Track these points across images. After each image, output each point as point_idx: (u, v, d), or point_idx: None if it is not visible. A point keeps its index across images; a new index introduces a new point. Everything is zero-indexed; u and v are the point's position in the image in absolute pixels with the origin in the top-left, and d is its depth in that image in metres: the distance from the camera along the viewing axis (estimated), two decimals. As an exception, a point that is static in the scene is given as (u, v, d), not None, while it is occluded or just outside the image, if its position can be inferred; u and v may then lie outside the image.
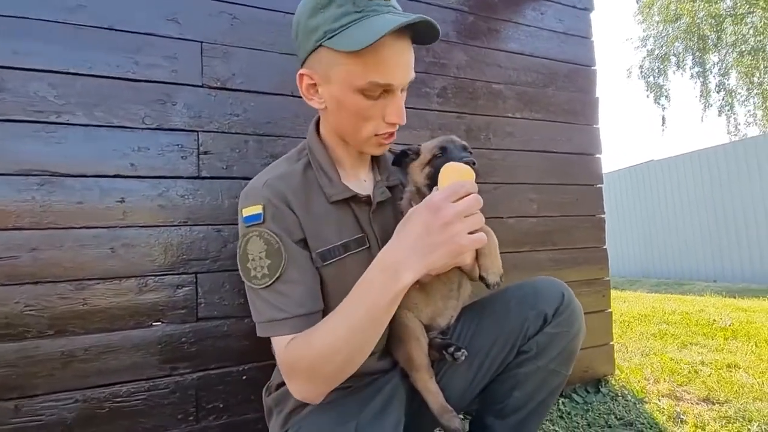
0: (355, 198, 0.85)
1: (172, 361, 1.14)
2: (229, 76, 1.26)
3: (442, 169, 0.73)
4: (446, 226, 0.63)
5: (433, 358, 0.92)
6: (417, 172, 0.90)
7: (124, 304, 1.10)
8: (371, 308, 0.67)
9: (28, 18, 1.06)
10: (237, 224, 1.21)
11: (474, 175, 0.72)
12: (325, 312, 0.80)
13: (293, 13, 1.29)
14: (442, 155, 0.86)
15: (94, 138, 1.11)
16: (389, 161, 0.98)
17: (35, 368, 1.02)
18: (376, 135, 0.80)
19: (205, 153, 1.22)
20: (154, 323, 1.12)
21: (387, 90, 0.75)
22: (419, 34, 0.74)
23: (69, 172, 1.08)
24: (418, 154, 0.91)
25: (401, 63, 0.74)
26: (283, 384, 0.87)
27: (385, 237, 0.88)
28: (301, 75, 0.79)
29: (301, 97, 1.31)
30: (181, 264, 1.17)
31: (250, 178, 1.23)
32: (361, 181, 0.91)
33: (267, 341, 0.78)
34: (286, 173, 0.83)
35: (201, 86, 1.22)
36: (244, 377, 1.20)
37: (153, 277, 1.14)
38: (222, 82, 1.25)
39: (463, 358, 0.87)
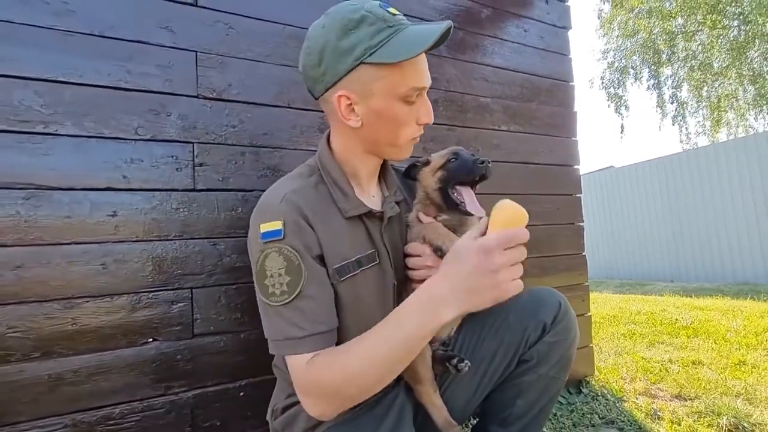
0: (368, 213, 0.86)
1: (167, 379, 1.10)
2: (225, 86, 1.23)
3: (498, 205, 0.70)
4: (495, 273, 0.63)
5: (437, 371, 0.94)
6: (428, 177, 0.94)
7: (116, 323, 1.06)
8: (407, 339, 0.68)
9: (11, 22, 1.01)
10: (234, 238, 1.21)
11: (527, 218, 0.70)
12: (340, 329, 0.81)
13: (291, 25, 1.34)
14: (456, 160, 0.92)
15: (84, 149, 1.06)
16: (395, 177, 1.00)
17: (19, 393, 0.96)
18: (412, 138, 0.86)
19: (201, 165, 1.19)
20: (148, 341, 1.08)
21: (420, 95, 0.82)
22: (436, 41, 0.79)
23: (57, 185, 1.03)
24: (428, 163, 0.96)
25: (426, 66, 0.82)
26: (289, 407, 0.87)
27: (395, 252, 0.92)
28: (341, 96, 0.79)
29: (297, 109, 1.34)
30: (175, 279, 1.13)
31: (246, 191, 1.24)
32: (371, 197, 0.92)
33: (264, 356, 0.78)
34: (300, 188, 0.82)
35: (196, 96, 1.20)
36: (242, 393, 1.18)
37: (146, 294, 1.10)
38: (218, 93, 1.22)
39: (467, 369, 0.89)
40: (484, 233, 0.69)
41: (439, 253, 0.85)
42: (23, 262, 0.98)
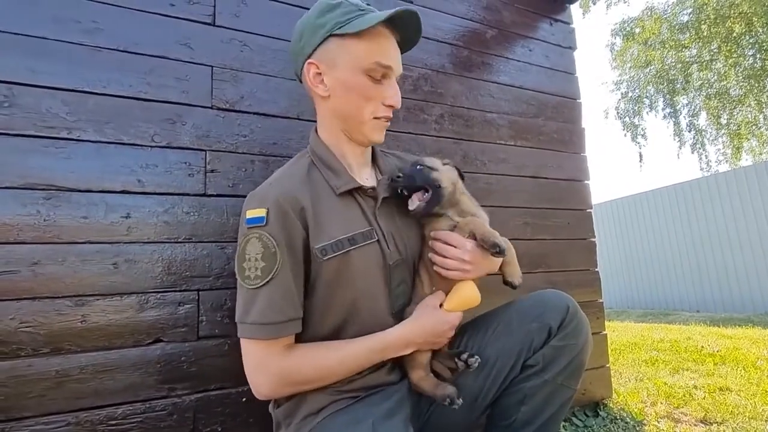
0: (360, 190, 0.89)
1: (170, 381, 1.10)
2: (237, 98, 1.30)
3: (461, 284, 0.93)
4: (445, 332, 0.91)
5: (447, 366, 0.93)
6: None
7: (123, 322, 1.08)
8: (376, 359, 0.87)
9: (46, 38, 1.10)
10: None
11: (478, 302, 0.95)
12: (328, 306, 0.84)
13: None
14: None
15: (103, 154, 1.12)
16: (389, 165, 1.02)
17: (26, 388, 0.98)
18: (375, 118, 0.90)
19: (212, 171, 1.24)
20: (153, 342, 1.10)
21: (385, 76, 0.88)
22: (406, 30, 0.91)
23: (75, 187, 1.08)
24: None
25: (395, 53, 0.90)
26: (291, 396, 0.86)
27: (390, 233, 0.92)
28: (310, 64, 0.88)
29: (307, 120, 1.39)
30: (183, 281, 1.16)
31: (255, 197, 1.28)
32: (365, 179, 0.95)
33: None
34: (288, 176, 0.88)
35: (210, 107, 1.26)
36: (244, 399, 1.17)
37: (154, 294, 1.12)
38: (231, 104, 1.29)
39: (477, 364, 0.89)
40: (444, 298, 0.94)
41: (497, 249, 0.87)
42: (40, 259, 1.03)
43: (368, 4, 0.89)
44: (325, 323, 0.87)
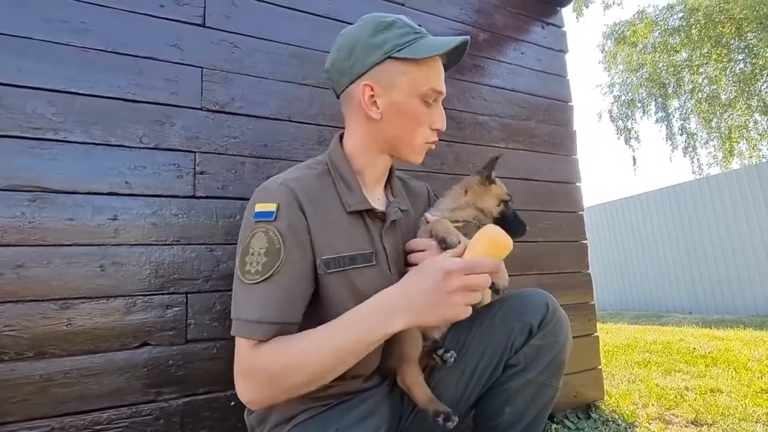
0: (370, 212, 0.88)
1: (157, 385, 1.09)
2: (228, 100, 1.29)
3: (483, 229, 0.77)
4: (450, 294, 0.68)
5: (423, 363, 0.92)
6: (493, 200, 0.99)
7: (110, 325, 1.07)
8: (354, 342, 0.71)
9: (33, 39, 1.09)
10: (231, 244, 1.23)
11: (510, 248, 0.75)
12: (322, 321, 0.80)
13: (294, 45, 1.42)
14: (509, 205, 0.99)
15: (90, 156, 1.11)
16: (401, 188, 1.02)
17: (9, 393, 0.96)
18: (426, 142, 0.91)
19: (202, 173, 1.23)
20: (140, 345, 1.08)
21: (435, 100, 0.89)
22: (457, 56, 0.93)
23: (61, 189, 1.07)
24: (492, 181, 1.01)
25: (443, 76, 0.91)
26: None
27: (394, 255, 0.92)
28: (366, 86, 0.85)
29: (298, 122, 1.39)
30: (171, 284, 1.14)
31: (245, 199, 1.25)
32: (376, 199, 0.94)
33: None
34: (303, 177, 0.85)
35: (200, 109, 1.25)
36: (232, 403, 1.15)
37: (142, 297, 1.11)
38: (221, 106, 1.28)
39: (452, 360, 0.88)
40: (460, 255, 0.75)
41: (444, 245, 0.85)
42: (24, 261, 1.01)
43: (420, 25, 0.88)
44: None
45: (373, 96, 0.85)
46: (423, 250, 0.90)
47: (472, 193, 1.00)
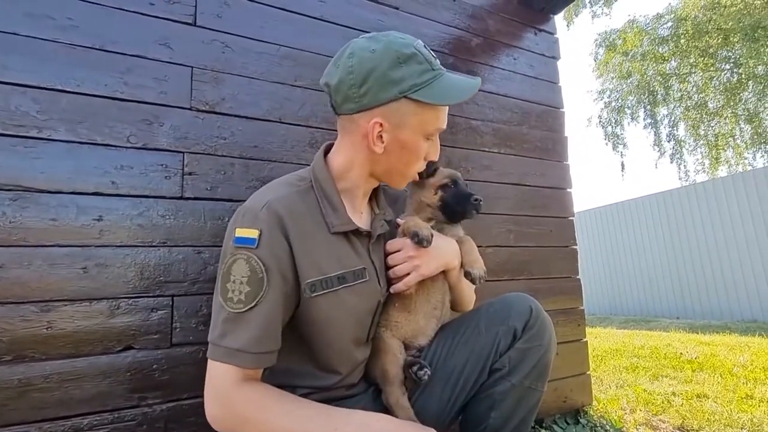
0: (356, 231, 0.87)
1: (141, 390, 1.06)
2: (218, 100, 1.28)
3: None
4: None
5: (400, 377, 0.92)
6: (430, 191, 1.00)
7: (92, 328, 1.04)
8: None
9: (17, 34, 1.06)
10: (219, 246, 1.19)
11: None
12: (314, 343, 0.81)
13: (286, 46, 1.40)
14: (452, 188, 0.99)
15: (75, 155, 1.08)
16: (384, 199, 1.02)
17: (-14, 398, 0.93)
18: (417, 172, 0.93)
19: (190, 174, 1.21)
20: (123, 349, 1.06)
21: (435, 135, 0.90)
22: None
23: (45, 188, 1.04)
24: (433, 173, 1.01)
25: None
26: None
27: (384, 270, 0.93)
28: (376, 123, 0.82)
29: (288, 124, 1.37)
30: (157, 286, 1.12)
31: (234, 201, 1.25)
32: (360, 214, 0.93)
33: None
34: (285, 196, 0.82)
35: (189, 109, 1.23)
36: (218, 408, 1.13)
37: (126, 300, 1.08)
38: (211, 106, 1.26)
39: (426, 377, 0.88)
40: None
41: (416, 239, 0.89)
42: (4, 262, 0.98)
43: (434, 56, 0.85)
44: (294, 352, 0.84)
45: (380, 131, 0.83)
46: (399, 250, 0.93)
47: (415, 193, 1.03)
